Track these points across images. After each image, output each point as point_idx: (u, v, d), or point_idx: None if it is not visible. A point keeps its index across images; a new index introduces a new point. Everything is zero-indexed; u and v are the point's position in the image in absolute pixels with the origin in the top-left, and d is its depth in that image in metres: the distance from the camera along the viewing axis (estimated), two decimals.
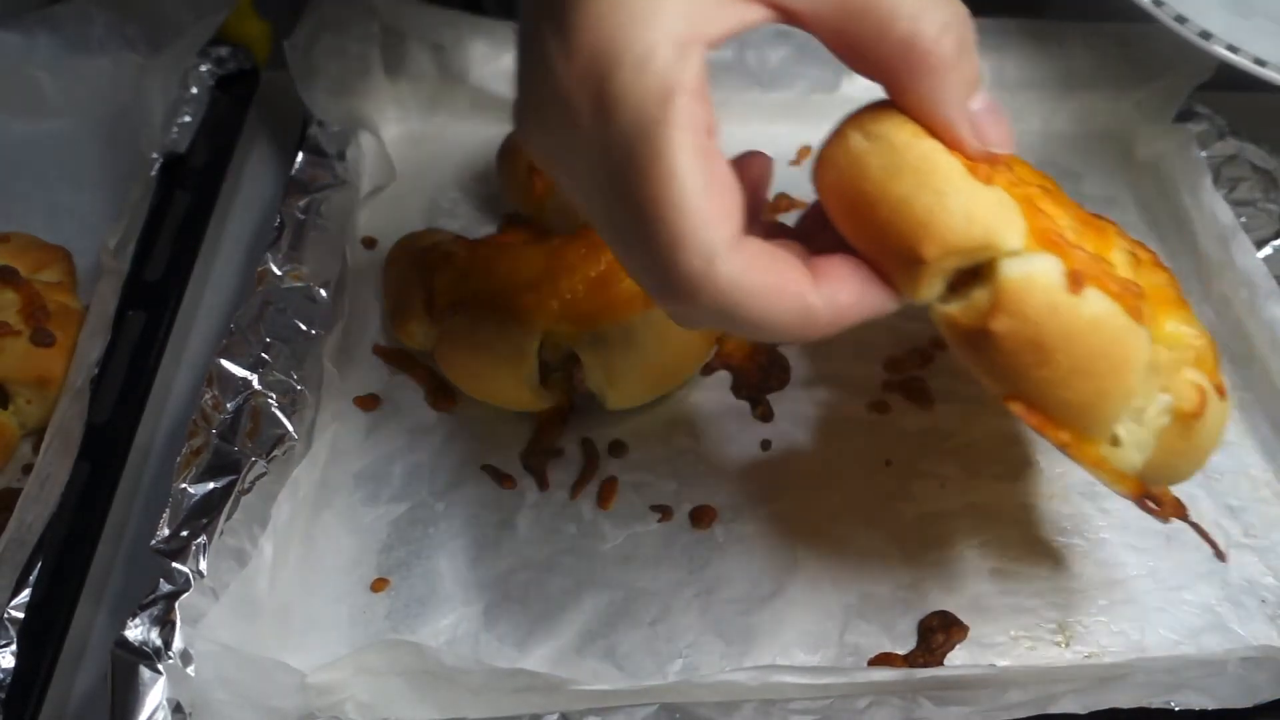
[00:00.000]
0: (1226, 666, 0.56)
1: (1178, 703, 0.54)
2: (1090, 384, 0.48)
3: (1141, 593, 0.63)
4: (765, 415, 0.70)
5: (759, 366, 0.72)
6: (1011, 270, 0.46)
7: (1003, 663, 0.60)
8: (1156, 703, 0.54)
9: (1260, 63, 0.56)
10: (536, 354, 0.66)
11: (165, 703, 0.51)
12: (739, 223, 0.42)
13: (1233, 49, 0.59)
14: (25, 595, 0.59)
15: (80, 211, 0.81)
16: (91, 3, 0.86)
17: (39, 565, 0.60)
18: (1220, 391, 0.52)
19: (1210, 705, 0.54)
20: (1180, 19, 0.61)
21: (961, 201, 0.45)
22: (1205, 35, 0.58)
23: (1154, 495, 0.52)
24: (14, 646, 0.57)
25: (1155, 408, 0.50)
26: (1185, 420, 0.51)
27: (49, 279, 0.73)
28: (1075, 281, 0.46)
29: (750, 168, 0.47)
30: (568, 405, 0.69)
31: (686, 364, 0.69)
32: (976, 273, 0.46)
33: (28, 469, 0.67)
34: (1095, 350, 0.47)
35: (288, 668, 0.55)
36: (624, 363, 0.65)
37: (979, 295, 0.46)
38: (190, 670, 0.52)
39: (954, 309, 0.47)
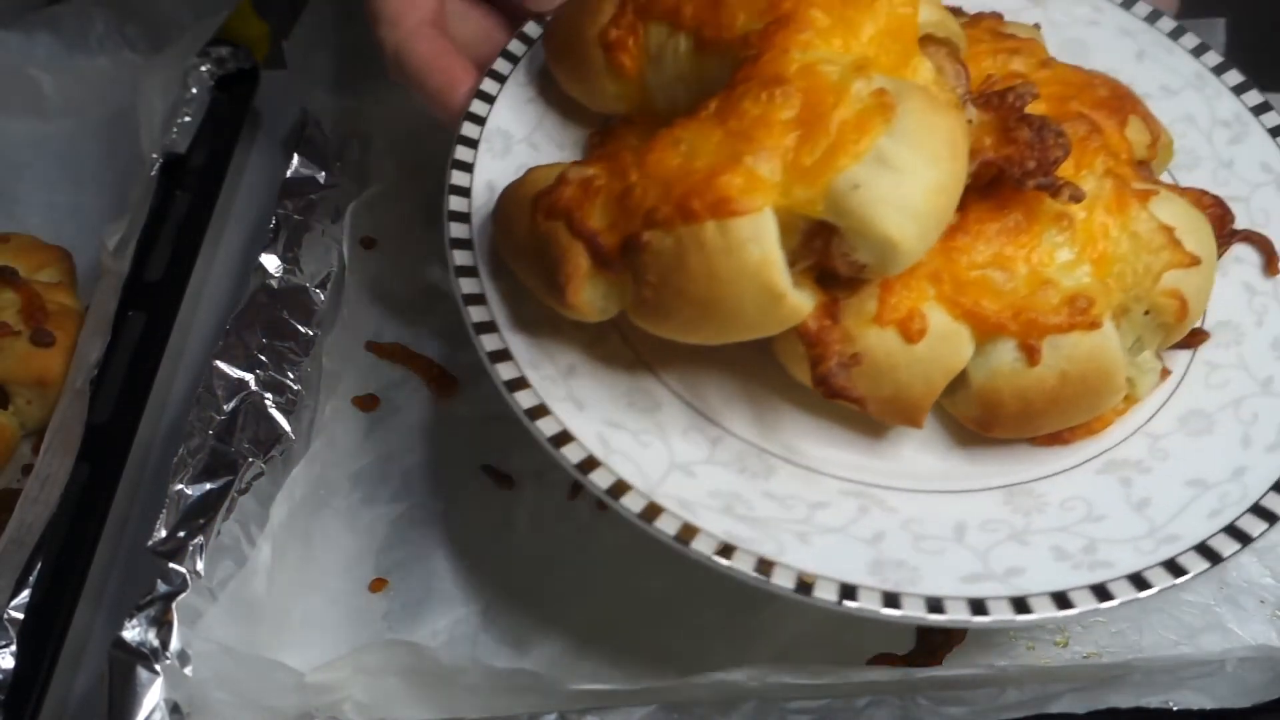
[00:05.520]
0: (1225, 666, 0.55)
1: (1176, 702, 0.54)
2: (1084, 405, 0.55)
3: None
4: (1077, 195, 0.53)
5: (1024, 142, 0.53)
6: (977, 375, 0.54)
7: (1001, 663, 0.60)
8: (1155, 703, 0.54)
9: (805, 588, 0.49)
10: (779, 244, 0.49)
11: (163, 703, 0.51)
12: (424, 17, 0.65)
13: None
14: (25, 596, 0.59)
15: (80, 211, 0.81)
16: (91, 3, 0.86)
17: (38, 566, 0.60)
18: (1194, 262, 0.55)
19: (1209, 705, 0.54)
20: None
21: (919, 375, 0.53)
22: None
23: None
24: (13, 647, 0.57)
25: (1146, 336, 0.56)
26: (1177, 321, 0.55)
27: (49, 279, 0.73)
28: (1031, 354, 0.53)
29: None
30: (832, 297, 0.53)
31: (960, 169, 0.51)
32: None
33: (28, 469, 0.67)
34: (1077, 392, 0.54)
35: (285, 667, 0.55)
36: (897, 200, 0.49)
37: (964, 396, 0.55)
38: (188, 670, 0.53)
39: (956, 409, 0.56)
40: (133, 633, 0.53)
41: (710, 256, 0.48)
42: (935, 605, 0.49)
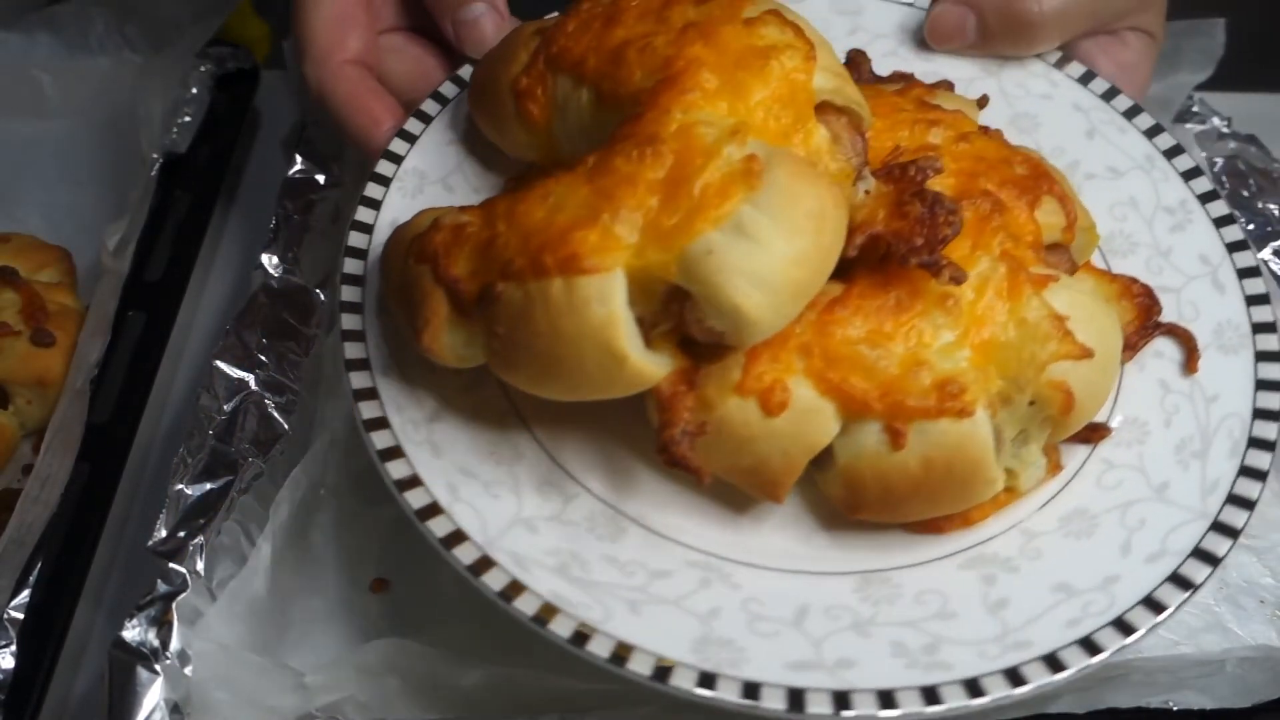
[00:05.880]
0: (1225, 666, 0.56)
1: (1176, 702, 0.54)
2: (950, 495, 0.52)
3: None
4: (958, 276, 0.51)
5: (915, 218, 0.51)
6: (842, 454, 0.51)
7: None
8: (1155, 702, 0.55)
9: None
10: (628, 307, 0.48)
11: (163, 703, 0.51)
12: (349, 56, 0.66)
13: None
14: (25, 596, 0.59)
15: (80, 211, 0.81)
16: (91, 3, 0.87)
17: (39, 566, 0.60)
18: (1084, 354, 0.52)
19: (1209, 705, 0.54)
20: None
21: (778, 449, 0.50)
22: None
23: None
24: (14, 647, 0.57)
25: (1032, 429, 0.53)
26: (1062, 414, 0.52)
27: (49, 279, 0.73)
28: (896, 437, 0.50)
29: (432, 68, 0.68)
30: (691, 364, 0.51)
31: (826, 243, 0.49)
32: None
33: (28, 469, 0.67)
34: (941, 481, 0.51)
35: (286, 668, 0.55)
36: (750, 269, 0.47)
37: (830, 475, 0.52)
38: (188, 670, 0.53)
39: (825, 488, 0.53)
40: (133, 633, 0.53)
41: (554, 314, 0.47)
42: (751, 690, 0.46)
